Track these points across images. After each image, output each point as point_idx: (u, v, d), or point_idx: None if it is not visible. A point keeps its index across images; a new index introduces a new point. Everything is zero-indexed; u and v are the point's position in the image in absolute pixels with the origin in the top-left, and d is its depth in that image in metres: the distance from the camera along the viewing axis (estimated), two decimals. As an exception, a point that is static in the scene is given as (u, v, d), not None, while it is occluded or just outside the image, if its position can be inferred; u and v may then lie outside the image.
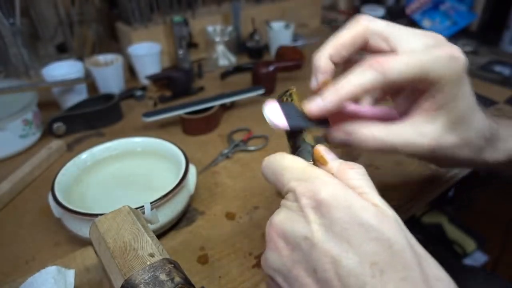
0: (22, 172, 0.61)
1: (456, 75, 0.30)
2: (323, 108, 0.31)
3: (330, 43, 0.34)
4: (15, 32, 0.82)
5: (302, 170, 0.27)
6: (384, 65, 0.29)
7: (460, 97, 0.31)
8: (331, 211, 0.24)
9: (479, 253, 1.14)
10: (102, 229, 0.34)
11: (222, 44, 0.99)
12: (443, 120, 0.32)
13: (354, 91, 0.30)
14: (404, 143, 0.32)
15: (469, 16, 1.15)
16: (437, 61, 0.30)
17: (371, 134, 0.32)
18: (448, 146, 0.33)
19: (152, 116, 0.71)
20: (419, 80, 0.30)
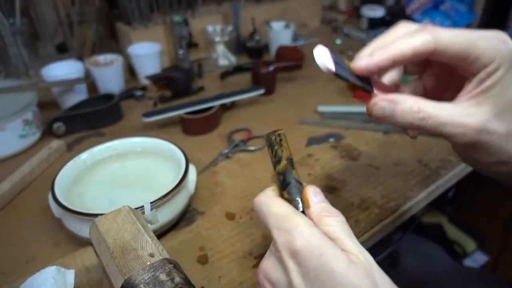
0: (22, 172, 0.61)
1: (504, 57, 0.30)
2: (371, 63, 0.31)
3: (374, 43, 0.33)
4: (15, 32, 0.82)
5: (283, 218, 0.30)
6: (438, 30, 0.30)
7: (507, 83, 0.30)
8: (306, 260, 0.27)
9: (479, 253, 1.14)
10: (102, 229, 0.34)
11: (222, 44, 0.99)
12: (490, 105, 0.31)
13: (405, 51, 0.30)
14: (450, 120, 0.31)
15: (469, 16, 1.15)
16: (486, 40, 0.29)
17: (417, 105, 0.31)
18: (496, 132, 0.31)
19: (152, 116, 0.71)
20: (467, 55, 0.30)
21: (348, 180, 0.59)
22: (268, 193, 0.33)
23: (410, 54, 0.30)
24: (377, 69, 0.31)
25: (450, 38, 0.29)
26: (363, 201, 0.55)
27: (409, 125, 0.32)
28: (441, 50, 0.30)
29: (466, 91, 0.32)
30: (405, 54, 0.30)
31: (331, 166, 0.62)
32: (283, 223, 0.30)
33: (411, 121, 0.31)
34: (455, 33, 0.30)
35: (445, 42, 0.29)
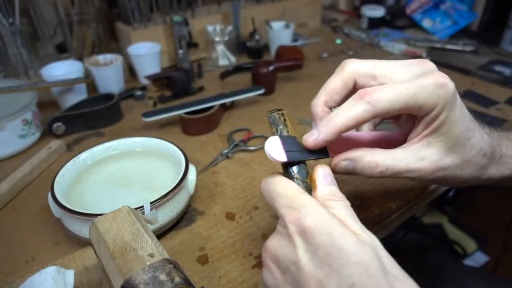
0: (21, 172, 0.61)
1: (445, 101, 0.31)
2: (318, 140, 0.33)
3: (323, 90, 0.36)
4: (15, 32, 0.82)
5: (292, 198, 0.30)
6: (373, 96, 0.31)
7: (453, 120, 0.32)
8: (315, 237, 0.27)
9: (479, 253, 1.14)
10: (102, 229, 0.34)
11: (222, 44, 0.99)
12: (439, 143, 0.33)
13: (346, 123, 0.32)
14: (406, 168, 0.34)
15: (470, 15, 1.15)
16: (424, 90, 0.31)
17: (374, 161, 0.34)
18: (449, 167, 0.34)
19: (152, 116, 0.70)
20: (410, 108, 0.31)
21: (348, 180, 0.59)
22: (275, 175, 0.33)
23: (353, 124, 0.32)
24: (325, 144, 0.34)
25: (388, 102, 0.31)
26: (363, 201, 0.55)
27: (370, 177, 0.35)
28: (383, 113, 0.31)
29: (416, 132, 0.34)
30: (348, 125, 0.32)
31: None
32: (292, 202, 0.30)
33: (371, 174, 0.34)
34: (393, 93, 0.31)
35: (384, 107, 0.31)
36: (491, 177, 0.38)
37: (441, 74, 0.32)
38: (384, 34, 1.17)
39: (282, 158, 0.33)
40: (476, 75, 0.91)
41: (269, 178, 0.33)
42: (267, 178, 0.34)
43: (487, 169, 0.37)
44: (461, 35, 1.14)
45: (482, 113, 0.76)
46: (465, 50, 1.04)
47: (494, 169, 0.38)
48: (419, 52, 1.01)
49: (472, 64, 0.96)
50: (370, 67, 0.34)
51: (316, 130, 0.33)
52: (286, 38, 1.02)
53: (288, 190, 0.31)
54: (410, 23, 1.23)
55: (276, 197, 0.31)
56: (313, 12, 1.25)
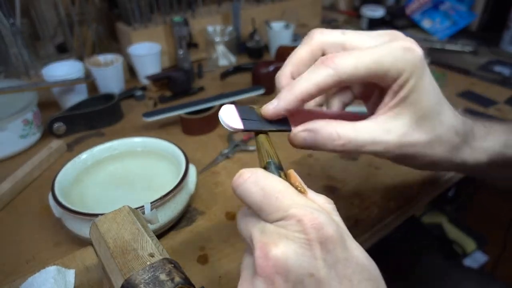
0: (22, 172, 0.61)
1: (413, 66, 0.29)
2: (278, 108, 0.31)
3: (289, 61, 0.34)
4: (15, 32, 0.82)
5: (298, 198, 0.25)
6: (336, 61, 0.29)
7: (422, 89, 0.30)
8: (336, 248, 0.23)
9: (479, 253, 1.14)
10: (102, 229, 0.34)
11: (222, 44, 0.99)
12: (407, 115, 0.31)
13: (309, 89, 0.29)
14: (370, 140, 0.31)
15: (469, 16, 1.16)
16: (390, 53, 0.29)
17: (335, 132, 0.31)
18: (417, 143, 0.32)
19: (152, 116, 0.71)
20: (375, 73, 0.29)
21: (348, 180, 0.59)
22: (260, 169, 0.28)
23: (315, 91, 0.30)
24: (286, 112, 0.31)
25: (352, 66, 0.29)
26: (363, 201, 0.55)
27: (332, 151, 0.32)
28: (347, 79, 0.29)
29: (383, 103, 0.32)
30: (310, 92, 0.30)
31: (331, 166, 0.62)
32: (304, 202, 0.25)
33: (333, 147, 0.31)
34: (357, 57, 0.29)
35: (348, 71, 0.29)
36: (464, 161, 0.36)
37: (408, 39, 0.30)
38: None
39: (237, 125, 0.30)
40: (476, 75, 0.91)
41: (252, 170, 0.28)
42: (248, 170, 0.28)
43: (459, 150, 0.35)
44: (461, 35, 1.14)
45: (481, 113, 0.76)
46: (465, 50, 1.04)
47: (467, 152, 0.36)
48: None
49: (472, 65, 0.96)
50: (339, 37, 0.33)
51: (277, 99, 0.31)
52: (286, 38, 1.02)
53: (289, 188, 0.26)
54: (409, 24, 1.23)
55: (276, 194, 0.25)
56: (313, 12, 1.25)
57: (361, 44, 0.32)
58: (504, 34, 1.05)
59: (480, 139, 0.37)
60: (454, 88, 0.86)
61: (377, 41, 0.32)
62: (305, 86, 0.30)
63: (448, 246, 1.15)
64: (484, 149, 0.37)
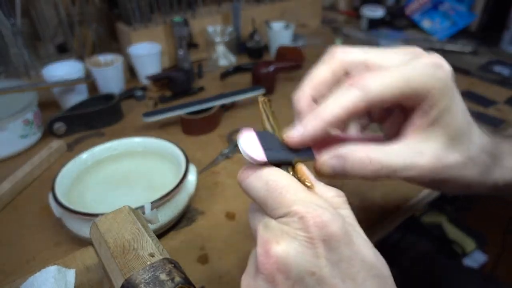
0: (22, 172, 0.61)
1: (444, 84, 0.28)
2: (304, 136, 0.28)
3: (309, 83, 0.31)
4: (16, 32, 0.83)
5: (303, 194, 0.25)
6: (365, 82, 0.27)
7: (454, 109, 0.29)
8: (340, 246, 0.23)
9: (478, 253, 1.14)
10: (103, 229, 0.34)
11: (222, 44, 0.99)
12: (440, 136, 0.29)
13: (337, 113, 0.27)
14: (403, 164, 0.29)
15: (469, 16, 1.16)
16: (420, 71, 0.27)
17: (366, 157, 0.29)
18: (452, 165, 0.30)
19: (152, 116, 0.71)
20: (405, 94, 0.27)
21: (348, 180, 0.59)
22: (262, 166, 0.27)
23: (344, 116, 0.27)
24: (312, 141, 0.28)
25: (381, 87, 0.27)
26: (363, 201, 0.55)
27: (362, 178, 0.30)
28: (377, 100, 0.27)
29: (412, 124, 0.30)
30: (339, 117, 0.27)
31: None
32: (307, 200, 0.24)
33: (364, 174, 0.29)
34: (386, 77, 0.27)
35: (377, 92, 0.27)
36: (496, 182, 0.34)
37: (436, 55, 0.29)
38: (384, 34, 1.17)
39: (260, 157, 0.26)
40: (476, 76, 0.91)
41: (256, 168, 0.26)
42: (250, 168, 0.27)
43: (491, 172, 0.33)
44: (460, 35, 1.14)
45: (481, 113, 0.76)
46: (464, 50, 1.04)
47: (497, 172, 0.34)
48: (418, 52, 1.02)
49: (472, 65, 0.96)
50: (362, 56, 0.30)
51: (301, 125, 0.28)
52: (286, 38, 1.03)
53: (295, 184, 0.25)
54: (409, 24, 1.23)
55: (280, 190, 0.25)
56: (313, 12, 1.25)
57: (385, 63, 0.30)
58: (504, 34, 1.05)
59: (508, 157, 0.35)
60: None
61: (401, 59, 0.30)
62: (333, 111, 0.27)
63: (448, 246, 1.15)
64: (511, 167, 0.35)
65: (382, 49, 0.31)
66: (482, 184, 0.33)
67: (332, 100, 0.28)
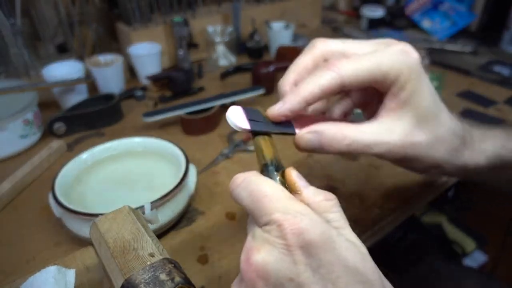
0: (22, 172, 0.61)
1: (410, 68, 0.31)
2: (284, 110, 0.32)
3: (292, 69, 0.36)
4: (16, 32, 0.83)
5: (285, 201, 0.25)
6: (340, 65, 0.31)
7: (422, 91, 0.32)
8: (319, 252, 0.23)
9: (478, 253, 1.14)
10: (102, 229, 0.34)
11: (222, 44, 0.99)
12: (409, 116, 0.33)
13: (313, 91, 0.31)
14: (374, 140, 0.33)
15: (469, 16, 1.16)
16: (388, 57, 0.31)
17: (341, 133, 0.32)
18: (420, 143, 0.33)
19: (152, 116, 0.71)
20: (376, 77, 0.31)
21: (348, 180, 0.59)
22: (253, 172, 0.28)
23: (319, 93, 0.31)
24: (291, 113, 0.32)
25: (354, 69, 0.31)
26: (363, 201, 0.55)
27: (337, 152, 0.33)
28: (349, 82, 0.31)
29: (385, 106, 0.33)
30: (314, 94, 0.31)
31: (331, 166, 0.63)
32: (287, 207, 0.25)
33: (338, 148, 0.32)
34: (358, 61, 0.31)
35: (350, 74, 0.31)
36: (465, 164, 0.37)
37: (404, 44, 0.32)
38: (384, 34, 1.17)
39: (245, 126, 0.32)
40: (475, 76, 0.91)
41: (246, 175, 0.28)
42: (242, 175, 0.28)
43: (459, 152, 0.36)
44: (460, 35, 1.14)
45: (481, 113, 0.76)
46: (464, 50, 1.04)
47: (467, 155, 0.37)
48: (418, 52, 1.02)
49: (471, 65, 0.96)
50: (340, 45, 0.35)
51: (282, 102, 0.33)
52: (286, 38, 1.03)
53: (278, 191, 0.26)
54: (409, 24, 1.23)
55: (263, 199, 0.26)
56: (313, 12, 1.25)
57: (361, 51, 0.34)
58: (504, 34, 1.05)
59: (479, 142, 0.38)
60: (454, 88, 0.86)
61: (375, 48, 0.34)
62: (309, 88, 0.31)
63: (448, 246, 1.15)
64: (483, 151, 0.38)
65: (358, 40, 0.35)
66: (451, 164, 0.36)
67: (309, 80, 0.32)
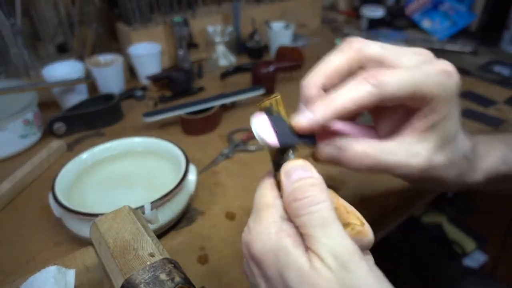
0: (22, 172, 0.61)
1: (450, 94, 0.29)
2: (313, 122, 0.29)
3: (322, 69, 0.31)
4: (16, 32, 0.83)
5: (255, 210, 0.28)
6: (380, 79, 0.28)
7: (452, 116, 0.30)
8: (263, 266, 0.26)
9: (478, 253, 1.14)
10: (102, 229, 0.34)
11: (222, 44, 0.99)
12: (434, 139, 0.30)
13: (348, 105, 0.28)
14: (397, 163, 0.30)
15: (469, 16, 1.16)
16: (431, 76, 0.28)
17: (363, 151, 0.30)
18: (438, 167, 0.32)
19: (152, 116, 0.71)
20: (414, 96, 0.28)
21: (348, 180, 0.59)
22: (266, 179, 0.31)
23: (354, 108, 0.28)
24: (320, 127, 0.29)
25: (396, 86, 0.28)
26: (363, 201, 0.55)
27: (355, 170, 0.31)
28: (389, 98, 0.28)
29: (413, 127, 0.31)
30: (349, 108, 0.28)
31: (331, 166, 0.62)
32: (253, 217, 0.28)
33: (359, 167, 0.31)
34: (401, 78, 0.28)
35: (391, 92, 0.28)
36: (466, 183, 0.36)
37: (447, 63, 0.30)
38: (384, 34, 1.17)
39: (272, 141, 0.28)
40: (475, 76, 0.91)
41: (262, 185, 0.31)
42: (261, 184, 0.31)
43: (467, 174, 0.35)
44: (460, 35, 1.14)
45: (481, 113, 0.76)
46: (464, 50, 1.04)
47: (471, 176, 0.36)
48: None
49: (471, 65, 0.96)
50: (379, 50, 0.30)
51: (311, 112, 0.29)
52: (286, 38, 1.03)
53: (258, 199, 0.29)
54: (409, 24, 1.23)
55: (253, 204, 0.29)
56: (313, 12, 1.25)
57: (400, 63, 0.30)
58: (504, 34, 1.05)
59: (480, 160, 0.37)
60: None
61: (415, 59, 0.30)
62: (345, 103, 0.28)
63: (448, 246, 1.15)
64: (483, 170, 0.37)
65: (397, 47, 0.31)
66: (455, 184, 0.35)
67: (345, 91, 0.28)
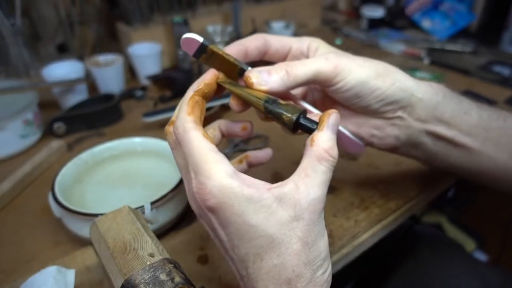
0: (22, 172, 0.61)
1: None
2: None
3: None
4: (16, 32, 0.83)
5: (200, 161, 0.29)
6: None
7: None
8: (225, 215, 0.28)
9: (478, 253, 1.15)
10: (102, 229, 0.34)
11: (222, 44, 0.99)
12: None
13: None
14: (315, 66, 0.39)
15: (469, 16, 1.16)
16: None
17: (284, 68, 0.38)
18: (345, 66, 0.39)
19: (153, 116, 0.71)
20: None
21: (348, 180, 0.59)
22: (193, 123, 0.32)
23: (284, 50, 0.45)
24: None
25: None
26: (363, 201, 0.55)
27: (285, 89, 0.37)
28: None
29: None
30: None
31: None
32: (200, 167, 0.28)
33: (283, 82, 0.36)
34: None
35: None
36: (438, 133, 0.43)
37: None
38: (384, 34, 1.17)
39: (197, 37, 0.35)
40: (475, 76, 0.91)
41: (188, 125, 0.31)
42: (184, 122, 0.32)
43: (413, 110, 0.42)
44: (460, 35, 1.14)
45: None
46: (464, 50, 1.04)
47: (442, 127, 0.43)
48: (418, 52, 1.02)
49: (471, 65, 0.96)
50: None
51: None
52: (286, 38, 1.03)
53: (201, 149, 0.29)
54: (409, 24, 1.24)
55: (189, 154, 0.29)
56: (313, 12, 1.25)
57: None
58: (503, 34, 1.05)
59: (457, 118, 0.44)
60: (454, 88, 0.84)
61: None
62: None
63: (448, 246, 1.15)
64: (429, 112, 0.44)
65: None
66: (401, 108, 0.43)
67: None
